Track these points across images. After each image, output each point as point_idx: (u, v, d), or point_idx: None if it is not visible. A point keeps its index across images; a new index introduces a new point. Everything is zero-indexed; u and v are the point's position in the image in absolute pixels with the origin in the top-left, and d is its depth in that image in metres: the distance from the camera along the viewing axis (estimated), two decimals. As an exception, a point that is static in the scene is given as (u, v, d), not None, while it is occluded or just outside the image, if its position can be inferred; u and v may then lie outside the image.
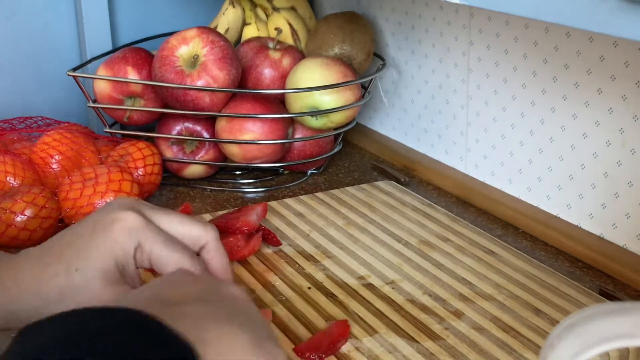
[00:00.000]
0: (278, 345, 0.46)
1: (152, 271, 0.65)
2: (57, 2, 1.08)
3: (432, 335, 0.61)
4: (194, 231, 0.58)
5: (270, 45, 0.97)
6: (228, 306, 0.47)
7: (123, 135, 0.98)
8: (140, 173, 0.87)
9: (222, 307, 0.46)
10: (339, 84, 0.91)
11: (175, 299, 0.45)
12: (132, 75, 0.93)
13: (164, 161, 0.94)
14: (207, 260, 0.58)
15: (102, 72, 0.94)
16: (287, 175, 0.99)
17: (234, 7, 1.05)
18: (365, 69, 1.01)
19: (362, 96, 0.96)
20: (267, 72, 0.95)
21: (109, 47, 1.08)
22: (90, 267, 0.53)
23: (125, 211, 0.56)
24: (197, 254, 0.58)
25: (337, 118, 0.93)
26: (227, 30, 1.05)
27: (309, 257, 0.74)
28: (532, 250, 0.80)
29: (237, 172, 1.00)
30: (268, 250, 0.75)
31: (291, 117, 0.93)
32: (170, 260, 0.54)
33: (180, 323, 0.40)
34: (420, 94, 1.00)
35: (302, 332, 0.62)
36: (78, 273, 0.53)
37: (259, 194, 0.94)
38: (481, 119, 0.90)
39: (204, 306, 0.45)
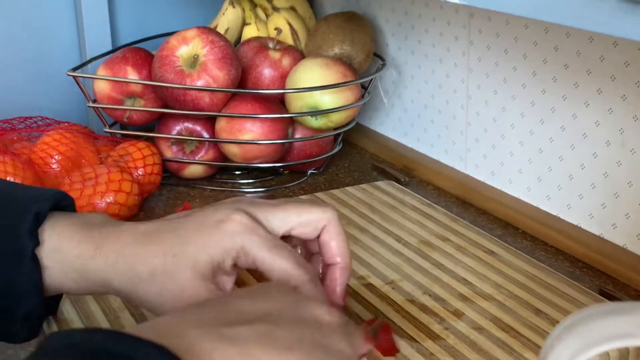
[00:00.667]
0: None
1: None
2: (57, 2, 1.08)
3: (432, 335, 0.61)
4: (313, 215, 0.57)
5: (270, 45, 0.97)
6: (299, 331, 0.43)
7: (123, 135, 0.98)
8: (140, 173, 0.87)
9: (289, 332, 0.43)
10: (339, 84, 0.91)
11: (235, 318, 0.43)
12: (132, 75, 0.93)
13: (164, 161, 0.94)
14: (327, 242, 0.58)
15: (102, 72, 0.94)
16: (287, 175, 0.99)
17: (234, 7, 1.05)
18: (365, 69, 1.01)
19: (362, 96, 0.96)
20: (267, 72, 0.95)
21: (109, 47, 1.08)
22: (185, 257, 0.53)
23: (235, 212, 0.55)
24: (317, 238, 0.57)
25: (337, 118, 0.93)
26: (227, 30, 1.05)
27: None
28: (532, 250, 0.80)
29: (237, 172, 1.00)
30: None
31: (291, 117, 0.93)
32: (274, 266, 0.54)
33: (221, 348, 0.39)
34: (420, 94, 1.00)
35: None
36: (173, 259, 0.53)
37: (259, 194, 0.94)
38: (481, 119, 0.90)
39: (264, 328, 0.42)
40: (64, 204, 0.56)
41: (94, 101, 0.96)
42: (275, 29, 1.00)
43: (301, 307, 0.46)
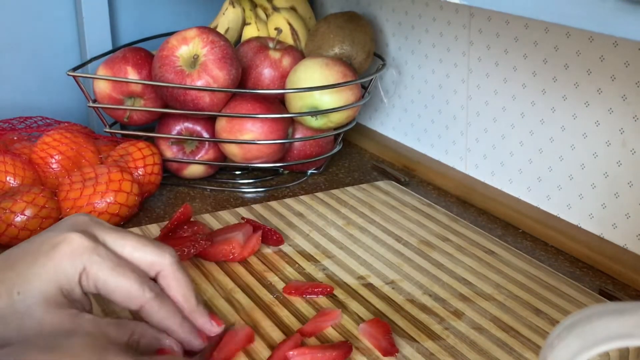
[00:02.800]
0: None
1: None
2: (57, 2, 1.08)
3: (432, 335, 0.61)
4: (148, 257, 0.55)
5: (270, 45, 0.97)
6: None
7: (123, 135, 0.98)
8: (140, 173, 0.87)
9: None
10: (339, 84, 0.91)
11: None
12: (132, 75, 0.93)
13: (164, 161, 0.94)
14: (164, 287, 0.56)
15: (102, 72, 0.94)
16: (287, 175, 0.99)
17: (234, 7, 1.05)
18: (365, 69, 1.01)
19: (362, 96, 0.96)
20: (267, 72, 0.95)
21: (109, 47, 1.08)
22: (31, 292, 0.51)
23: (72, 232, 0.53)
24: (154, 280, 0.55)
25: (337, 118, 0.93)
26: (227, 30, 1.05)
27: (309, 257, 0.74)
28: (532, 250, 0.80)
29: (237, 172, 1.00)
30: (268, 250, 0.75)
31: (291, 117, 0.93)
32: (117, 287, 0.52)
33: None
34: (420, 94, 1.00)
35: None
36: (19, 297, 0.51)
37: (259, 194, 0.94)
38: (481, 119, 0.90)
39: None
40: None
41: (94, 101, 0.96)
42: (276, 29, 1.00)
43: None
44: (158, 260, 0.55)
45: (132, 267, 0.54)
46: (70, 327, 0.51)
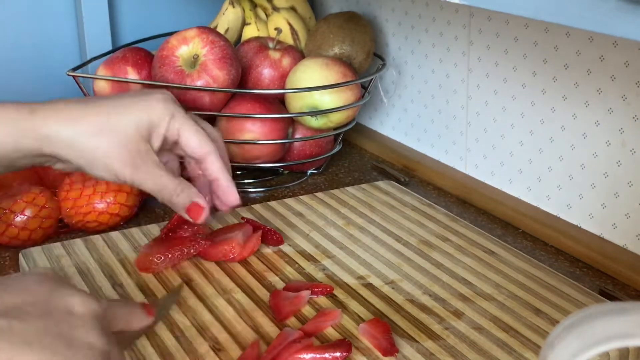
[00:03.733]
0: None
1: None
2: (57, 2, 1.08)
3: (432, 335, 0.61)
4: (208, 129, 0.68)
5: (270, 45, 0.97)
6: (43, 324, 0.43)
7: (123, 135, 0.98)
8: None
9: (31, 325, 0.43)
10: (339, 84, 0.91)
11: None
12: (132, 75, 0.93)
13: (164, 161, 0.94)
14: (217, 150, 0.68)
15: (102, 72, 0.94)
16: (287, 175, 0.99)
17: (234, 7, 1.05)
18: (365, 69, 1.01)
19: (362, 96, 0.96)
20: (267, 72, 0.95)
21: (109, 47, 1.08)
22: (129, 115, 0.62)
23: (160, 91, 0.66)
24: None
25: (337, 118, 0.93)
26: (227, 30, 1.05)
27: (309, 257, 0.74)
28: (532, 250, 0.80)
29: (237, 172, 1.00)
30: (268, 250, 0.75)
31: (291, 117, 0.93)
32: (195, 134, 0.65)
33: None
34: (420, 94, 1.00)
35: (302, 332, 0.62)
36: (119, 117, 0.62)
37: (259, 194, 0.94)
38: (481, 119, 0.90)
39: (3, 323, 0.42)
40: None
41: (94, 101, 0.95)
42: (276, 29, 1.00)
43: (54, 298, 0.46)
44: (214, 132, 0.69)
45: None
46: (142, 159, 0.63)
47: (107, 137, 0.62)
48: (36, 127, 0.60)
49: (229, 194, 0.68)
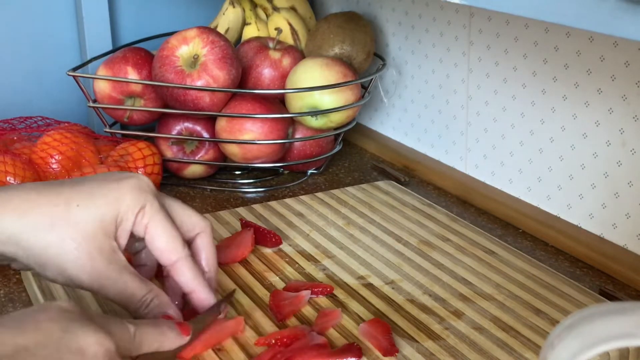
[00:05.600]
0: None
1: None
2: (57, 2, 1.08)
3: (432, 335, 0.61)
4: (193, 218, 0.60)
5: (270, 45, 0.97)
6: None
7: (123, 135, 0.98)
8: (140, 173, 0.87)
9: None
10: (339, 84, 0.91)
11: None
12: (132, 75, 0.93)
13: (164, 161, 0.94)
14: (200, 248, 0.60)
15: (102, 72, 0.94)
16: (287, 175, 0.99)
17: (234, 7, 1.05)
18: (365, 69, 1.01)
19: (362, 96, 0.96)
20: (267, 72, 0.95)
21: (109, 47, 1.08)
22: (91, 208, 0.53)
23: (138, 174, 0.58)
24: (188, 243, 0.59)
25: (337, 118, 0.93)
26: (227, 30, 1.05)
27: (309, 257, 0.74)
28: (532, 250, 0.80)
29: (237, 172, 1.00)
30: (268, 250, 0.75)
31: (291, 117, 0.93)
32: (164, 234, 0.56)
33: None
34: (420, 94, 1.00)
35: (302, 332, 0.62)
36: (78, 209, 0.52)
37: (259, 194, 0.94)
38: (481, 119, 0.90)
39: None
40: None
41: (94, 101, 0.96)
42: (276, 29, 1.00)
43: (66, 339, 0.44)
44: (201, 222, 0.60)
45: (178, 225, 0.58)
46: (107, 259, 0.53)
47: (62, 233, 0.52)
48: None
49: (202, 303, 0.59)
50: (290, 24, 1.03)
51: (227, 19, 1.05)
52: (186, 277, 0.57)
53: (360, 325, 0.62)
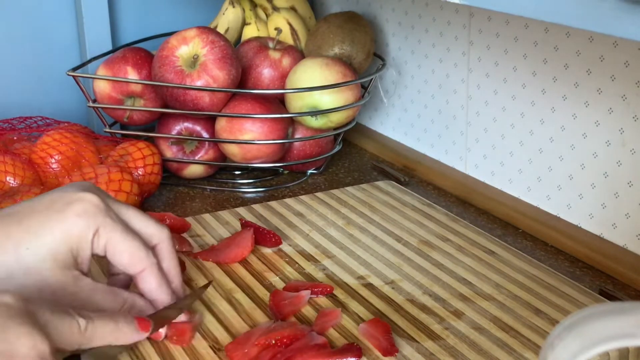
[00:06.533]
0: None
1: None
2: (57, 2, 1.08)
3: (432, 335, 0.61)
4: (150, 228, 0.57)
5: (270, 45, 0.97)
6: None
7: (123, 135, 0.98)
8: (140, 173, 0.87)
9: None
10: (339, 84, 0.91)
11: None
12: (132, 75, 0.93)
13: (164, 161, 0.94)
14: (159, 259, 0.57)
15: (102, 72, 0.94)
16: (287, 175, 0.99)
17: (234, 7, 1.05)
18: (365, 69, 1.01)
19: (362, 96, 0.96)
20: (267, 72, 0.95)
21: (109, 47, 1.08)
22: (42, 248, 0.51)
23: (84, 192, 0.53)
24: None
25: (337, 118, 0.93)
26: (227, 30, 1.05)
27: (309, 257, 0.74)
28: (532, 250, 0.80)
29: (237, 172, 1.00)
30: (268, 250, 0.75)
31: (291, 117, 0.93)
32: (126, 249, 0.54)
33: None
34: (420, 94, 1.00)
35: (302, 332, 0.62)
36: (28, 252, 0.51)
37: (259, 194, 0.94)
38: (481, 118, 0.90)
39: None
40: None
41: (94, 101, 0.96)
42: (276, 28, 1.00)
43: None
44: (158, 232, 0.57)
45: (136, 233, 0.55)
46: (73, 290, 0.52)
47: (20, 280, 0.50)
48: None
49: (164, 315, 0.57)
50: (290, 24, 1.03)
51: (227, 19, 1.05)
52: (151, 286, 0.56)
53: (360, 325, 0.62)
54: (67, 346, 0.48)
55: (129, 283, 0.61)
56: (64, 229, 0.51)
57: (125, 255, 0.54)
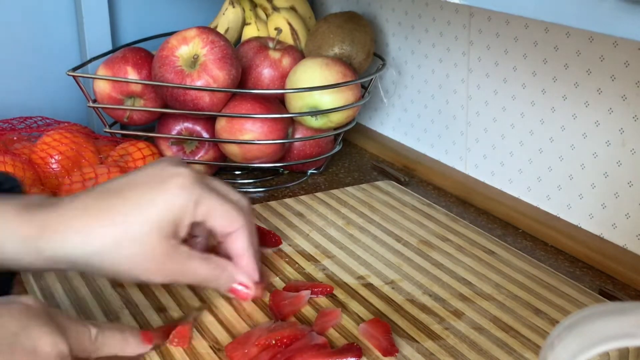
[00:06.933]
0: None
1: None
2: (57, 2, 1.08)
3: (432, 335, 0.61)
4: (234, 195, 0.61)
5: (270, 45, 0.97)
6: None
7: (123, 135, 0.98)
8: (184, 166, 0.87)
9: None
10: (339, 84, 0.91)
11: None
12: (132, 75, 0.93)
13: (164, 161, 0.94)
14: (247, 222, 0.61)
15: (102, 72, 0.94)
16: (287, 175, 0.99)
17: (234, 7, 1.05)
18: (365, 69, 1.01)
19: (362, 96, 0.96)
20: (267, 72, 0.95)
21: (109, 47, 1.08)
22: (147, 220, 0.54)
23: (179, 167, 0.58)
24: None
25: (337, 118, 0.93)
26: (227, 30, 1.05)
27: (309, 257, 0.74)
28: (532, 250, 0.80)
29: (237, 172, 1.00)
30: (268, 251, 0.75)
31: (291, 117, 0.93)
32: (223, 213, 0.58)
33: None
34: (420, 94, 1.00)
35: (302, 332, 0.62)
36: (134, 224, 0.54)
37: (259, 194, 0.94)
38: (481, 118, 0.90)
39: None
40: (6, 187, 0.58)
41: (94, 101, 0.96)
42: (276, 28, 1.00)
43: (22, 336, 0.46)
44: (241, 199, 0.62)
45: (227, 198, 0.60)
46: (174, 258, 0.56)
47: (128, 249, 0.54)
48: (48, 250, 0.53)
49: (249, 271, 0.62)
50: (290, 24, 1.03)
51: (227, 19, 1.05)
52: (243, 244, 0.60)
53: (360, 325, 0.62)
54: (79, 352, 0.50)
55: (207, 247, 0.64)
56: (167, 200, 0.55)
57: (224, 217, 0.58)
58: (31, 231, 0.53)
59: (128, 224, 0.54)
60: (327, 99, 0.91)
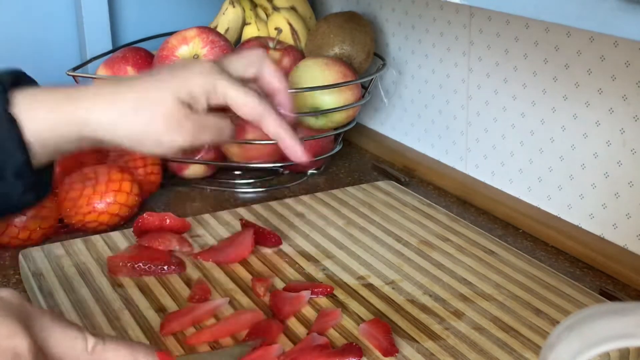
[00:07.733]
0: None
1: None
2: (57, 2, 1.08)
3: (432, 335, 0.61)
4: (249, 57, 0.64)
5: (270, 45, 0.97)
6: None
7: (123, 135, 0.98)
8: (140, 173, 0.87)
9: None
10: (339, 84, 0.91)
11: None
12: (132, 75, 0.93)
13: (164, 161, 0.94)
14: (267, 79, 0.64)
15: (102, 72, 0.94)
16: (287, 175, 0.99)
17: (234, 7, 1.05)
18: (365, 69, 1.01)
19: (362, 96, 0.96)
20: (267, 72, 0.95)
21: (109, 47, 1.08)
22: (166, 87, 0.59)
23: (202, 60, 0.65)
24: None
25: (337, 118, 0.93)
26: (227, 30, 1.05)
27: (309, 257, 0.74)
28: (532, 250, 0.80)
29: (237, 172, 1.00)
30: (268, 251, 0.75)
31: (291, 117, 0.93)
32: (246, 101, 0.60)
33: None
34: (420, 94, 1.00)
35: (302, 331, 0.61)
36: (155, 89, 0.59)
37: (259, 194, 0.94)
38: (481, 119, 0.90)
39: None
40: (29, 79, 0.62)
41: (94, 101, 0.95)
42: (276, 28, 1.00)
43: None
44: (255, 53, 0.65)
45: (251, 86, 0.63)
46: (189, 116, 0.59)
47: (149, 111, 0.59)
48: (75, 115, 0.58)
49: (293, 151, 0.64)
50: (290, 24, 1.03)
51: (227, 19, 1.05)
52: (273, 127, 0.62)
53: (360, 326, 0.62)
54: (67, 359, 0.48)
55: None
56: (184, 77, 0.60)
57: (247, 107, 0.60)
58: (58, 103, 0.58)
59: (149, 92, 0.59)
60: (327, 99, 0.91)
